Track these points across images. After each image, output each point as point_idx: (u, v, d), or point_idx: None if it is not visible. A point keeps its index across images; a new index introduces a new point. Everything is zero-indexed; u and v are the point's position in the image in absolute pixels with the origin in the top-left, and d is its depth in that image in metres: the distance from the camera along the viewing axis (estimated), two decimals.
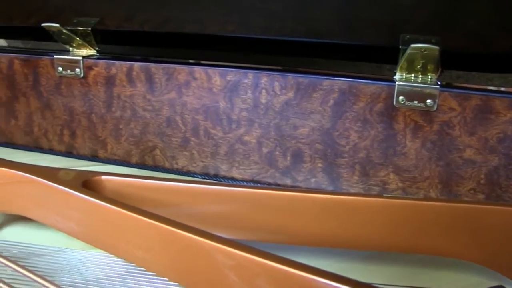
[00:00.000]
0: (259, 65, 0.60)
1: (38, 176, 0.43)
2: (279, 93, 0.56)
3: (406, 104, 0.52)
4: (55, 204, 0.42)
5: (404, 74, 0.53)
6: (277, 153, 0.58)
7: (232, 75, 0.58)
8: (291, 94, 0.56)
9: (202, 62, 0.61)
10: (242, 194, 0.41)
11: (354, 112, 0.54)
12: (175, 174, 0.65)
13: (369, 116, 0.53)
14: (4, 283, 0.38)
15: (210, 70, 0.58)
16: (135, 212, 0.36)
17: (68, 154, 0.72)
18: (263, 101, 0.57)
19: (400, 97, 0.52)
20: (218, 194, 0.41)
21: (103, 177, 0.43)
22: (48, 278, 0.39)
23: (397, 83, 0.52)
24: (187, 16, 0.64)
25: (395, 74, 0.54)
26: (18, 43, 0.94)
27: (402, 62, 0.52)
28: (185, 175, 0.64)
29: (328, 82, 0.54)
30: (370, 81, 0.53)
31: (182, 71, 0.60)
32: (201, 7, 0.63)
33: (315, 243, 0.42)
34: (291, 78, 0.55)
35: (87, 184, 0.41)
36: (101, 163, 0.69)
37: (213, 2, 0.63)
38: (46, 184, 0.41)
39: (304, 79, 0.55)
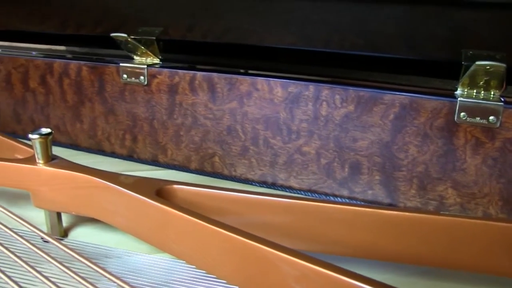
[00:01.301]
0: (318, 77, 0.63)
1: (113, 183, 0.47)
2: (339, 105, 0.59)
3: (468, 120, 0.53)
4: (129, 210, 0.46)
5: (466, 90, 0.55)
6: (335, 164, 0.61)
7: (294, 87, 0.61)
8: (351, 107, 0.58)
9: (264, 73, 0.64)
10: (305, 206, 0.44)
11: (414, 126, 0.56)
12: (233, 181, 0.68)
13: (429, 131, 0.55)
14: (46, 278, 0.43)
15: (272, 81, 0.62)
16: (205, 221, 0.40)
17: (129, 157, 0.77)
18: (324, 113, 0.60)
19: (462, 113, 0.53)
20: (284, 206, 0.44)
21: (175, 186, 0.47)
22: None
23: (459, 99, 0.54)
24: (247, 27, 0.68)
25: (456, 89, 0.55)
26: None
27: (465, 78, 0.54)
28: (243, 183, 0.68)
29: (389, 97, 0.56)
30: (431, 96, 0.55)
31: (244, 82, 0.64)
32: (262, 19, 0.67)
33: (375, 257, 0.44)
34: (352, 91, 0.58)
35: (160, 192, 0.45)
36: (161, 168, 0.74)
37: (273, 14, 0.66)
38: (121, 191, 0.46)
39: (365, 93, 0.57)
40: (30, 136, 0.51)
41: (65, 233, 0.56)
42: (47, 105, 0.83)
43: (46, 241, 0.50)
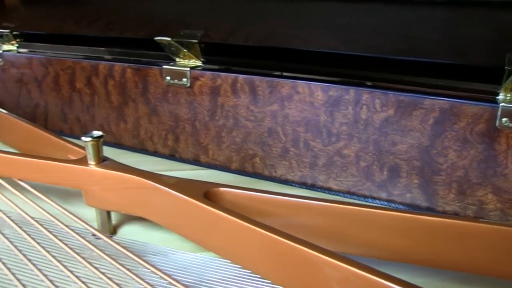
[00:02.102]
0: (359, 80, 0.65)
1: (162, 185, 0.50)
2: (379, 110, 0.61)
3: (510, 125, 0.54)
4: (176, 210, 0.49)
5: (509, 95, 0.56)
6: (374, 167, 0.63)
7: (334, 90, 0.63)
8: (391, 112, 0.60)
9: (305, 76, 0.66)
10: (344, 210, 0.47)
11: (454, 131, 0.57)
12: (273, 182, 0.71)
13: (469, 136, 0.57)
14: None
15: (313, 85, 0.64)
16: (250, 223, 0.42)
17: (171, 157, 0.81)
18: (363, 117, 0.62)
19: (504, 119, 0.54)
20: (324, 209, 0.46)
21: (222, 188, 0.49)
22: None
23: (501, 104, 0.55)
24: (289, 31, 0.70)
25: (497, 94, 0.56)
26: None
27: (508, 83, 0.55)
28: (283, 184, 0.70)
29: (429, 102, 0.58)
30: (472, 101, 0.56)
31: (285, 85, 0.66)
32: (304, 23, 0.69)
33: (413, 261, 0.46)
34: (392, 96, 0.59)
35: (208, 194, 0.48)
36: (202, 168, 0.77)
37: (315, 17, 0.68)
38: (170, 193, 0.49)
39: (405, 98, 0.59)
40: (83, 138, 0.54)
41: (114, 230, 0.60)
42: (92, 105, 0.87)
43: (98, 238, 0.53)
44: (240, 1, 0.77)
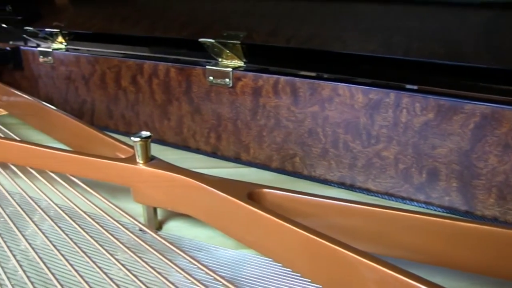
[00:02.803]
0: (398, 83, 0.66)
1: (207, 185, 0.53)
2: (419, 113, 0.62)
3: None
4: (221, 209, 0.52)
5: None
6: (413, 169, 0.64)
7: (374, 93, 0.64)
8: (431, 115, 0.61)
9: (346, 79, 0.68)
10: (383, 214, 0.48)
11: (495, 136, 0.58)
12: (312, 181, 0.73)
13: (511, 141, 0.58)
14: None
15: (354, 87, 0.66)
16: (293, 225, 0.45)
17: (213, 154, 0.84)
18: (403, 120, 0.63)
19: None
20: (363, 212, 0.48)
21: (265, 190, 0.52)
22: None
23: None
24: (330, 33, 0.72)
25: None
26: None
27: None
28: (322, 183, 0.72)
29: (470, 106, 0.59)
30: None
31: (326, 87, 0.68)
32: (344, 25, 0.71)
33: (450, 265, 0.48)
34: (432, 100, 0.61)
35: (251, 195, 0.51)
36: (243, 166, 0.80)
37: (356, 20, 0.70)
38: (215, 192, 0.52)
39: (445, 102, 0.60)
40: (132, 138, 0.58)
41: (159, 226, 0.63)
42: (137, 103, 0.91)
43: (145, 232, 0.57)
44: (282, 2, 0.79)
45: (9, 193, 0.66)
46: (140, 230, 0.58)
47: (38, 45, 1.10)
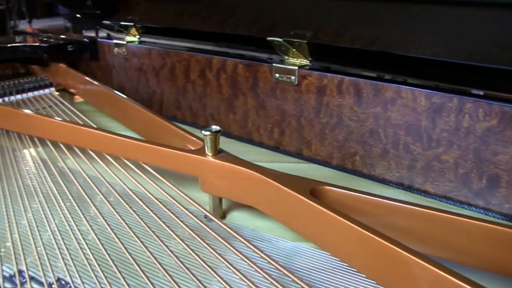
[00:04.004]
0: (460, 86, 0.67)
1: (271, 179, 0.57)
2: (482, 119, 0.63)
3: None
4: (283, 203, 0.56)
5: None
6: (473, 175, 0.66)
7: (437, 97, 0.66)
8: (494, 122, 0.62)
9: (409, 82, 0.70)
10: (439, 217, 0.51)
11: None
12: (371, 180, 0.76)
13: None
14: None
15: (417, 91, 0.68)
16: (352, 222, 0.47)
17: (275, 149, 0.88)
18: (465, 125, 0.65)
19: None
20: (420, 214, 0.51)
21: (326, 187, 0.55)
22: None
23: None
24: (395, 36, 0.74)
25: None
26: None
27: None
28: (380, 183, 0.75)
29: None
30: None
31: (389, 89, 0.70)
32: (410, 28, 0.72)
33: (504, 272, 0.50)
34: (496, 106, 0.62)
35: (313, 191, 0.54)
36: (304, 161, 0.84)
37: (421, 23, 0.71)
38: (278, 187, 0.56)
39: (510, 109, 0.61)
40: (203, 132, 0.62)
41: (223, 215, 0.68)
42: (204, 95, 0.96)
43: (210, 220, 0.61)
44: (349, 3, 0.81)
45: (89, 177, 0.73)
46: (206, 217, 0.62)
47: (113, 38, 1.17)
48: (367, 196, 0.54)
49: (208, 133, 0.62)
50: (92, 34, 1.72)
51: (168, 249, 0.55)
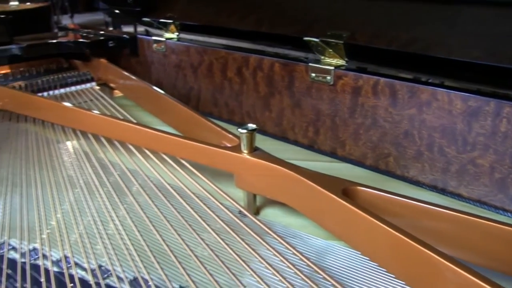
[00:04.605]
0: (499, 90, 0.67)
1: (305, 177, 0.59)
2: None
3: None
4: (316, 202, 0.57)
5: None
6: (509, 180, 0.66)
7: (474, 101, 0.66)
8: None
9: (445, 84, 0.70)
10: (471, 222, 0.51)
11: None
12: (404, 182, 0.76)
13: None
14: None
15: (453, 94, 0.68)
16: (383, 223, 0.48)
17: (310, 147, 0.89)
18: (502, 129, 0.64)
19: None
20: (452, 218, 0.51)
21: (359, 187, 0.56)
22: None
23: None
24: (433, 38, 0.74)
25: None
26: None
27: None
28: (414, 185, 0.75)
29: None
30: None
31: (425, 91, 0.71)
32: (448, 30, 0.72)
33: None
34: None
35: (346, 191, 0.55)
36: (338, 161, 0.85)
37: (460, 25, 0.71)
38: (312, 186, 0.57)
39: None
40: (240, 130, 0.64)
41: (257, 211, 0.70)
42: (241, 93, 0.98)
43: (243, 215, 0.63)
44: (386, 4, 0.82)
45: (128, 170, 0.76)
46: (240, 213, 0.64)
47: (152, 34, 1.21)
48: (398, 198, 0.54)
49: (244, 131, 0.64)
50: (130, 29, 1.76)
51: (204, 242, 0.57)
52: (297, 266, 0.52)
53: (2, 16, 1.31)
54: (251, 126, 0.64)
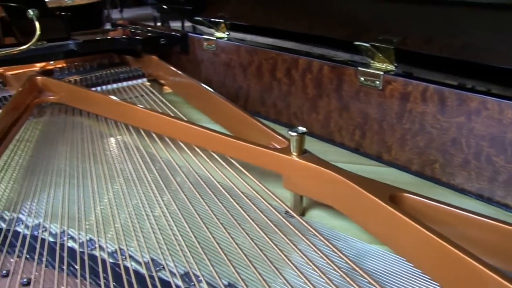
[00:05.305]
0: None
1: (353, 182, 0.60)
2: None
3: None
4: (362, 206, 0.59)
5: None
6: None
7: None
8: None
9: (495, 93, 0.71)
10: None
11: None
12: (450, 189, 0.77)
13: None
14: None
15: (503, 103, 0.68)
16: (430, 231, 0.50)
17: (355, 150, 0.91)
18: None
19: None
20: (497, 229, 0.53)
21: (405, 194, 0.58)
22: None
23: None
24: (485, 45, 0.74)
25: None
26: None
27: None
28: (459, 193, 0.76)
29: None
30: None
31: (474, 99, 0.71)
32: (501, 37, 0.73)
33: None
34: None
35: (393, 198, 0.57)
36: (383, 165, 0.86)
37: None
38: (359, 191, 0.59)
39: None
40: (290, 132, 0.66)
41: (303, 212, 0.72)
42: (289, 94, 1.00)
43: (290, 216, 0.66)
44: (438, 10, 0.82)
45: (179, 167, 0.79)
46: (286, 213, 0.67)
47: (200, 32, 1.24)
48: (445, 206, 0.56)
49: (294, 134, 0.66)
50: (176, 24, 1.81)
51: (253, 240, 0.60)
52: (343, 269, 0.54)
53: (62, 13, 1.37)
54: (301, 129, 0.66)
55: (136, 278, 0.56)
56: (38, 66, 1.26)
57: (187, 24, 1.41)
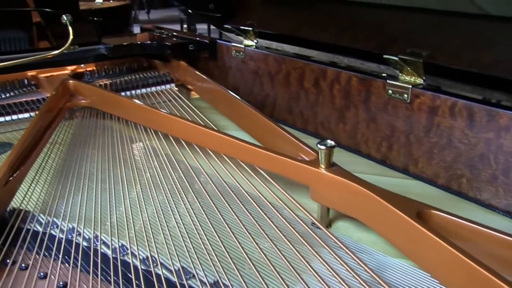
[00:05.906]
0: None
1: (381, 198, 0.62)
2: None
3: None
4: (390, 222, 0.61)
5: None
6: None
7: None
8: None
9: None
10: None
11: None
12: (476, 204, 0.78)
13: None
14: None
15: None
16: (457, 250, 0.51)
17: (382, 162, 0.92)
18: None
19: None
20: None
21: (433, 211, 0.59)
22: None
23: None
24: None
25: None
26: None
27: None
28: (486, 208, 0.77)
29: None
30: None
31: (504, 116, 0.72)
32: None
33: None
34: None
35: (420, 214, 0.58)
36: (409, 178, 0.87)
37: None
38: (387, 206, 0.60)
39: None
40: (319, 146, 0.68)
41: (329, 224, 0.74)
42: (316, 104, 1.02)
43: (316, 227, 0.67)
44: (469, 23, 0.83)
45: (208, 175, 0.81)
46: (313, 224, 0.68)
47: (227, 39, 1.26)
48: (472, 224, 0.57)
49: (323, 147, 0.68)
50: (202, 26, 1.83)
51: (280, 252, 0.62)
52: (368, 283, 0.56)
53: (95, 18, 1.41)
54: (330, 142, 0.68)
55: (168, 286, 0.58)
56: (69, 69, 1.29)
57: (213, 27, 1.43)
